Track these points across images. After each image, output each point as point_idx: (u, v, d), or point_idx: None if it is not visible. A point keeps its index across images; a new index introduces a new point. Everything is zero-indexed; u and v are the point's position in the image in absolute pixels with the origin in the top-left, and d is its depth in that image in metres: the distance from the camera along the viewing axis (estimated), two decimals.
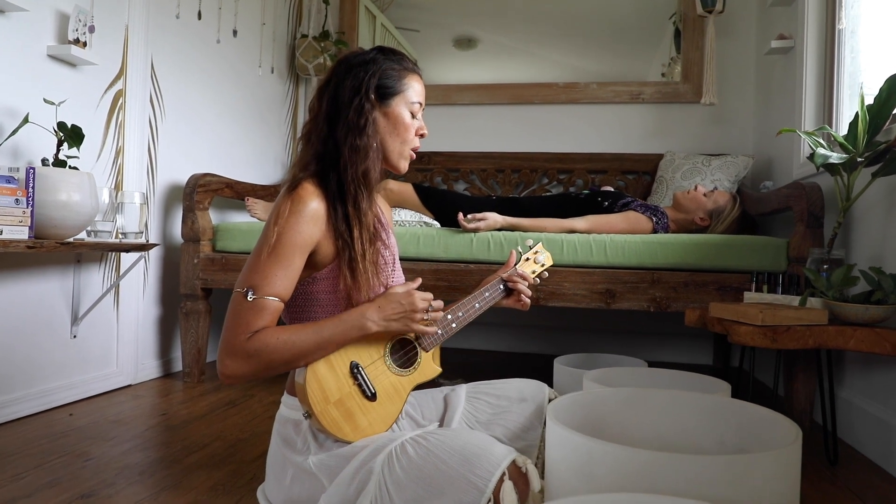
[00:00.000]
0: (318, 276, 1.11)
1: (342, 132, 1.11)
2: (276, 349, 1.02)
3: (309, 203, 1.06)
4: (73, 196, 1.75)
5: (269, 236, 1.05)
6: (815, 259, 1.77)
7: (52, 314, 2.00)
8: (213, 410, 2.02)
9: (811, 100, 2.36)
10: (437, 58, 3.59)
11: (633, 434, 1.21)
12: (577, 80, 3.33)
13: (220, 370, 1.03)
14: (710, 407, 1.18)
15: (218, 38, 2.81)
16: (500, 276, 1.35)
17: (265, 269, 1.04)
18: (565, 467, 0.94)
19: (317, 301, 1.13)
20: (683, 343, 3.16)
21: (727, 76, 3.14)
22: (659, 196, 2.92)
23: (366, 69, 1.14)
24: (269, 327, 1.04)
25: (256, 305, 1.03)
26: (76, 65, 2.04)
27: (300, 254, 1.06)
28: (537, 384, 1.32)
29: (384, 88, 1.14)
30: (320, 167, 1.12)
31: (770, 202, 2.32)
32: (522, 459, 1.00)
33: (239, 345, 1.01)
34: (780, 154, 2.69)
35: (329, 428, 1.06)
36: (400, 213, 2.54)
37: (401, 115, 1.15)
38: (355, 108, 1.11)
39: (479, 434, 1.05)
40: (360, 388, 1.11)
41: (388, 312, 1.09)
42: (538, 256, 1.41)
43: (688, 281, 2.07)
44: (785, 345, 1.52)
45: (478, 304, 1.29)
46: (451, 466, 0.96)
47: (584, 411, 1.19)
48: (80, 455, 1.59)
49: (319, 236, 1.08)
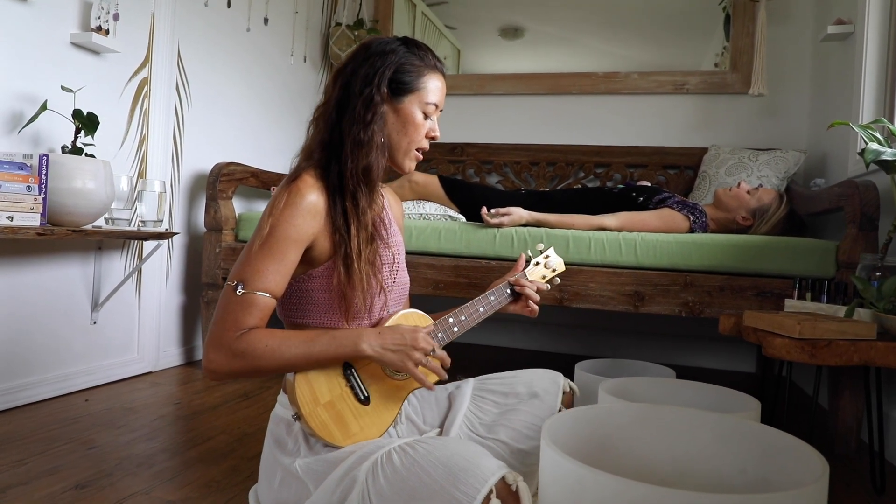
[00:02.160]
0: (314, 274, 1.06)
1: (348, 123, 1.05)
2: (263, 356, 0.97)
3: (307, 196, 1.01)
4: (87, 184, 1.75)
5: (262, 228, 1.00)
6: (866, 266, 1.61)
7: (71, 300, 2.02)
8: (225, 402, 2.00)
9: (871, 90, 2.16)
10: (482, 48, 3.49)
11: (645, 456, 1.11)
12: (621, 69, 3.17)
13: (205, 364, 0.99)
14: (731, 430, 1.07)
15: (248, 26, 2.79)
16: (508, 279, 1.25)
17: (256, 263, 0.99)
18: (556, 491, 0.85)
19: (312, 300, 1.07)
20: (724, 348, 2.98)
21: (780, 65, 2.93)
22: (701, 193, 2.75)
23: (383, 59, 1.07)
24: (259, 328, 0.99)
25: (246, 300, 0.98)
26: (99, 52, 2.05)
27: (295, 248, 1.01)
28: (551, 376, 1.24)
29: (399, 83, 1.07)
30: (324, 156, 1.07)
31: (821, 201, 2.14)
32: (513, 476, 0.92)
33: (226, 341, 0.97)
34: (835, 150, 2.49)
35: (318, 431, 1.01)
36: (425, 206, 2.46)
37: (412, 115, 1.09)
38: (364, 99, 1.05)
39: (471, 445, 0.97)
40: (353, 390, 1.05)
41: (388, 341, 1.02)
42: (549, 261, 1.30)
43: (724, 285, 1.92)
44: (825, 360, 1.38)
45: (482, 309, 1.20)
46: (435, 480, 0.89)
47: (589, 428, 1.09)
48: (85, 442, 1.58)
49: (316, 231, 1.03)
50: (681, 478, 1.10)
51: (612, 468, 1.09)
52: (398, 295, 1.15)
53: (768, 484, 1.00)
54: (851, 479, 1.61)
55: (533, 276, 1.27)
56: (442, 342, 1.14)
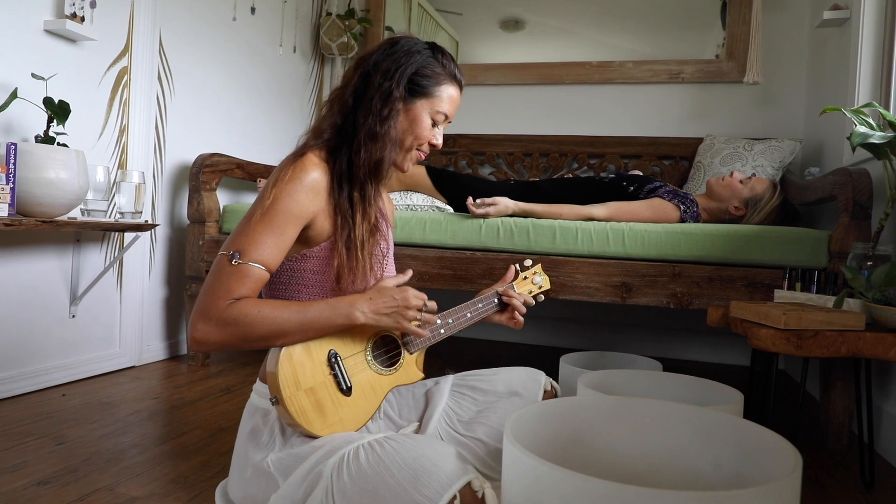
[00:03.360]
0: (308, 254, 1.04)
1: (363, 113, 1.06)
2: (255, 322, 0.94)
3: (311, 172, 1.00)
4: (59, 174, 1.71)
5: (264, 199, 0.99)
6: (858, 255, 1.56)
7: (49, 294, 1.99)
8: (205, 396, 1.97)
9: (866, 77, 2.10)
10: (482, 40, 3.42)
11: (617, 451, 1.07)
12: (616, 59, 3.10)
13: (191, 334, 0.96)
14: (706, 423, 1.03)
15: (234, 15, 2.74)
16: (496, 289, 1.27)
17: (255, 234, 0.97)
18: (517, 490, 0.81)
19: (303, 280, 1.06)
20: (717, 341, 2.93)
21: (776, 53, 2.86)
22: (696, 183, 2.70)
23: (408, 58, 1.08)
24: (250, 297, 0.96)
25: (240, 271, 0.96)
26: (76, 41, 2.01)
27: (294, 223, 0.99)
28: (531, 374, 1.22)
29: (416, 85, 1.08)
30: (335, 140, 1.07)
31: (814, 190, 2.09)
32: (480, 482, 0.88)
33: (217, 310, 0.94)
34: (831, 138, 2.43)
35: (296, 416, 0.97)
36: (412, 196, 2.42)
37: (420, 118, 1.09)
38: (382, 93, 1.05)
39: (441, 446, 0.94)
40: (336, 379, 1.02)
41: (380, 306, 1.01)
42: (535, 278, 1.34)
43: (713, 276, 1.87)
44: (811, 352, 1.33)
45: (469, 314, 1.22)
46: (398, 482, 0.86)
47: (558, 422, 1.05)
48: (55, 438, 1.55)
49: (317, 209, 1.02)
50: (654, 473, 1.06)
51: (582, 464, 1.05)
52: None
53: (744, 480, 0.95)
54: (842, 474, 1.56)
55: (520, 289, 1.30)
56: (428, 342, 1.14)
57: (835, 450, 1.71)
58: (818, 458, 1.66)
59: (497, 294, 1.26)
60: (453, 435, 1.13)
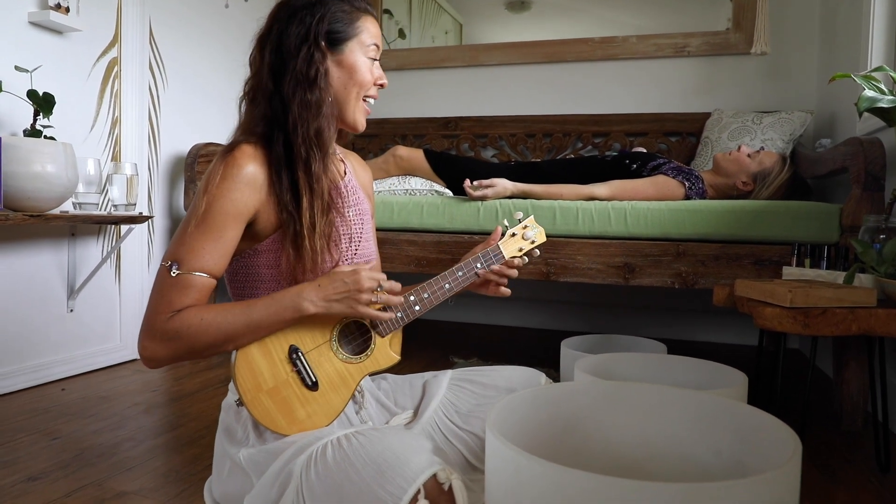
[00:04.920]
0: (259, 249, 0.99)
1: (290, 86, 0.98)
2: (199, 331, 0.90)
3: (244, 167, 0.94)
4: (47, 167, 1.69)
5: (198, 205, 0.93)
6: (870, 228, 1.49)
7: (46, 289, 1.97)
8: (204, 388, 1.95)
9: (879, 43, 2.00)
10: (487, 22, 3.34)
11: (613, 438, 1.02)
12: (621, 34, 3.01)
13: (140, 353, 0.93)
14: (705, 408, 0.98)
15: (227, 2, 2.69)
16: (479, 254, 1.13)
17: (192, 242, 0.92)
18: (498, 482, 0.77)
19: (259, 276, 1.01)
20: (726, 321, 2.86)
21: (785, 22, 2.76)
22: (703, 159, 2.62)
23: (312, 12, 1.00)
24: (193, 306, 0.92)
25: (181, 282, 0.91)
26: (62, 32, 1.97)
27: (234, 224, 0.93)
28: (531, 373, 1.16)
29: (335, 33, 1.01)
30: (266, 129, 0.99)
31: (825, 163, 2.01)
32: (446, 474, 0.83)
33: (158, 325, 0.90)
34: (844, 109, 2.34)
35: (261, 419, 0.94)
36: (410, 181, 2.37)
37: (356, 63, 1.02)
38: (304, 57, 0.98)
39: (407, 439, 0.89)
40: (300, 375, 0.97)
41: (329, 292, 0.95)
42: (527, 232, 1.16)
43: (719, 254, 1.81)
44: (820, 331, 1.27)
45: (447, 286, 1.09)
46: (362, 478, 0.82)
47: (551, 409, 1.01)
48: (49, 433, 1.54)
49: (257, 204, 0.95)
50: (652, 461, 1.01)
51: (576, 451, 1.01)
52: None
53: (744, 466, 0.91)
54: (857, 457, 1.50)
55: (508, 249, 1.15)
56: (401, 322, 1.06)
57: (850, 432, 1.65)
58: (832, 440, 1.60)
59: (480, 260, 1.12)
60: (449, 426, 1.09)
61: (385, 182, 2.37)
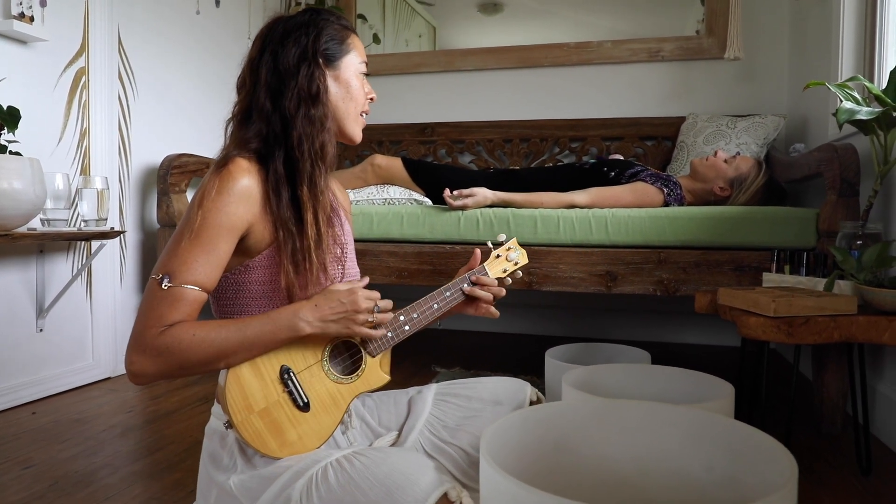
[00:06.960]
0: (251, 265, 0.97)
1: (292, 103, 0.99)
2: (191, 347, 0.87)
3: (239, 180, 0.93)
4: (13, 184, 1.62)
5: (192, 218, 0.91)
6: (847, 234, 1.51)
7: (13, 309, 1.90)
8: (182, 407, 1.90)
9: (849, 49, 2.04)
10: (461, 25, 3.33)
11: (605, 456, 1.01)
12: (596, 38, 3.02)
13: (127, 367, 0.89)
14: (695, 424, 0.98)
15: (198, 8, 2.64)
16: (465, 275, 1.16)
17: (185, 254, 0.90)
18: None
19: (249, 293, 0.98)
20: (705, 322, 2.89)
21: (757, 27, 2.80)
22: (679, 164, 2.65)
23: (307, 32, 1.02)
24: (185, 321, 0.89)
25: (172, 295, 0.88)
26: (26, 42, 1.91)
27: (227, 237, 0.92)
28: (516, 384, 1.16)
29: (330, 51, 1.03)
30: (262, 146, 0.99)
31: (800, 167, 2.04)
32: (456, 492, 0.84)
33: (148, 340, 0.87)
34: (816, 113, 2.38)
35: (251, 441, 0.91)
36: (388, 190, 2.35)
37: (351, 79, 1.06)
38: (305, 74, 1.00)
39: (413, 458, 0.89)
40: (291, 396, 0.95)
41: (326, 312, 0.94)
42: (510, 254, 1.21)
43: (699, 261, 1.82)
44: (803, 339, 1.28)
45: (436, 306, 1.12)
46: (371, 500, 0.81)
47: (541, 429, 1.00)
48: (21, 462, 1.48)
49: (251, 218, 0.94)
50: (643, 476, 1.01)
51: (568, 471, 1.00)
52: None
53: (736, 482, 0.91)
54: (837, 459, 1.52)
55: (494, 270, 1.18)
56: (392, 342, 1.06)
57: (830, 434, 1.68)
58: (813, 444, 1.62)
59: (468, 280, 1.14)
60: (436, 443, 1.08)
61: (363, 191, 2.34)
